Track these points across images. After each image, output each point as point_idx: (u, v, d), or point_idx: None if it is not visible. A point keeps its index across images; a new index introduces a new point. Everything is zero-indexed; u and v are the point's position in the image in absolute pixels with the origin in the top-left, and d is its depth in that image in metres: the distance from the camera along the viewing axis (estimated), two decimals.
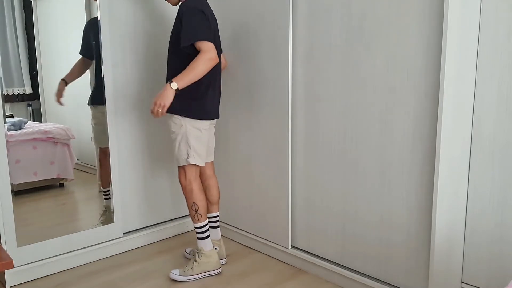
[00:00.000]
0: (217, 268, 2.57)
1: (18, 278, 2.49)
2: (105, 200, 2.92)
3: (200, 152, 2.47)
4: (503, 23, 1.89)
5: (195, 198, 2.49)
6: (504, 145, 1.95)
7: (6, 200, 2.41)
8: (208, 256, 2.53)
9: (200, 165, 2.49)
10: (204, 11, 2.32)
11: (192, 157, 2.43)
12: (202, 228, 2.52)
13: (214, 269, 2.56)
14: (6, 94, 2.66)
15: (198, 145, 2.45)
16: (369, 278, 2.33)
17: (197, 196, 2.49)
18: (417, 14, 2.00)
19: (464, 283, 2.13)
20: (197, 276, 2.52)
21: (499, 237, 2.00)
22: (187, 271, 2.52)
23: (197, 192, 2.50)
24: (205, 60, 2.23)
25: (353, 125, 2.31)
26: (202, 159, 2.49)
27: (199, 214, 2.50)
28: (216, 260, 2.57)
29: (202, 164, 2.50)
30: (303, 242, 2.67)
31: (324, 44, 2.38)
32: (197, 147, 2.44)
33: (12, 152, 2.50)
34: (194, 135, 2.42)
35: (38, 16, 2.70)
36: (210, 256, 2.54)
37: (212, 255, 2.55)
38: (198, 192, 2.50)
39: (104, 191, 2.91)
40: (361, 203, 2.33)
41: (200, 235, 2.53)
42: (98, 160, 2.89)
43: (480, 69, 1.98)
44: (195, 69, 2.22)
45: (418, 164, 2.09)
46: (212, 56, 2.25)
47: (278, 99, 2.61)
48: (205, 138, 2.48)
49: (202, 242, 2.53)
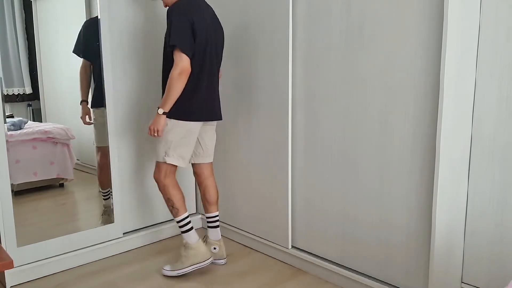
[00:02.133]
0: (207, 259, 2.55)
1: (18, 278, 2.50)
2: (105, 200, 2.92)
3: (183, 154, 2.48)
4: (503, 23, 1.89)
5: (169, 193, 2.52)
6: (504, 145, 1.94)
7: (6, 200, 2.41)
8: (194, 248, 2.53)
9: (179, 166, 2.51)
10: (187, 16, 2.32)
11: (171, 157, 2.46)
12: (182, 221, 2.54)
13: (204, 260, 2.54)
14: (6, 94, 2.66)
15: (181, 146, 2.45)
16: (369, 278, 2.33)
17: (170, 190, 2.52)
18: (417, 14, 2.00)
19: (464, 283, 2.13)
20: (187, 269, 2.53)
21: (499, 237, 2.00)
22: (176, 266, 2.54)
23: (170, 187, 2.52)
24: (176, 76, 2.30)
25: (353, 125, 2.31)
26: (185, 161, 2.50)
27: (176, 209, 2.53)
28: (203, 251, 2.55)
29: (183, 165, 2.51)
30: (303, 242, 2.67)
31: (324, 44, 2.38)
32: (179, 148, 2.45)
33: (12, 152, 2.50)
34: (179, 136, 2.44)
35: (38, 16, 2.70)
36: (197, 248, 2.53)
37: (198, 247, 2.54)
38: (171, 187, 2.52)
39: (103, 192, 2.91)
40: (361, 203, 2.33)
41: (182, 228, 2.54)
42: (100, 162, 2.89)
43: (480, 69, 1.98)
44: (172, 89, 2.32)
45: (418, 164, 2.09)
46: (183, 68, 2.30)
47: (278, 100, 2.61)
48: (191, 139, 2.48)
49: (186, 235, 2.54)
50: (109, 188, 2.87)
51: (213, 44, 2.46)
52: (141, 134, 2.98)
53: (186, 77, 2.32)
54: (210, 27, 2.44)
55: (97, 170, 2.90)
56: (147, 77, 2.94)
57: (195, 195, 3.34)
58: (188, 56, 2.31)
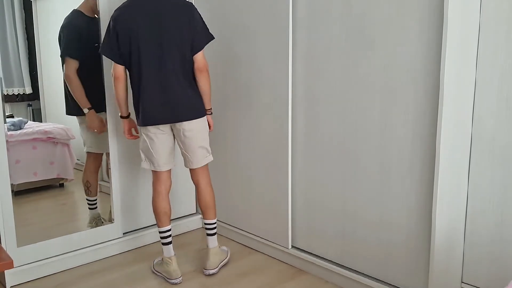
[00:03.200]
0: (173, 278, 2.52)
1: (18, 278, 2.50)
2: (92, 209, 2.87)
3: (150, 158, 2.46)
4: (503, 23, 1.89)
5: (152, 202, 2.54)
6: (504, 145, 1.94)
7: (6, 200, 2.41)
8: (165, 262, 2.55)
9: (155, 170, 2.48)
10: (112, 18, 2.32)
11: (143, 161, 2.49)
12: (160, 234, 2.55)
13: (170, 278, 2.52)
14: (6, 94, 2.66)
15: (145, 150, 2.46)
16: (369, 278, 2.33)
17: (152, 203, 2.54)
18: (417, 14, 2.00)
19: (464, 283, 2.13)
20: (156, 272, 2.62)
21: (499, 237, 2.00)
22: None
23: (152, 199, 2.54)
24: (112, 81, 2.38)
25: (353, 125, 2.31)
26: (154, 165, 2.46)
27: (156, 220, 2.56)
28: (169, 270, 2.52)
29: (153, 169, 2.48)
30: (303, 242, 2.67)
31: (324, 44, 2.38)
32: (145, 152, 2.47)
33: (12, 152, 2.50)
34: (142, 140, 2.45)
35: (38, 16, 2.70)
36: (166, 264, 2.54)
37: (168, 263, 2.53)
38: (153, 200, 2.53)
39: (91, 201, 2.87)
40: (361, 203, 2.33)
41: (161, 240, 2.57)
42: (91, 167, 2.85)
43: (480, 69, 1.98)
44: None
45: (418, 164, 2.09)
46: (112, 72, 2.37)
47: (278, 99, 2.61)
48: (151, 143, 2.41)
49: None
50: (96, 196, 2.84)
51: (153, 42, 2.30)
52: None
53: (115, 81, 2.37)
54: (144, 25, 2.29)
55: (85, 177, 2.83)
56: None
57: (194, 195, 3.34)
58: (114, 61, 2.34)
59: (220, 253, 2.67)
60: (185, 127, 2.39)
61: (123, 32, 2.29)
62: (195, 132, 2.42)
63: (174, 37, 2.31)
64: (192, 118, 2.39)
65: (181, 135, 2.42)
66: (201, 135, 2.45)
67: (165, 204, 2.53)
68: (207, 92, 2.44)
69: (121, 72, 2.35)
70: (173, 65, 2.32)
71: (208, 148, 2.53)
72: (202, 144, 2.48)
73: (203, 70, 2.39)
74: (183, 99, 2.36)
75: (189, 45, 2.34)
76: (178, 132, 2.42)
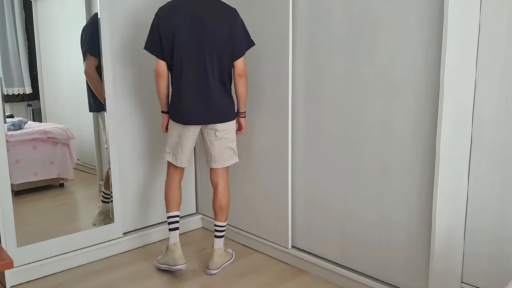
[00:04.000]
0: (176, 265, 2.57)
1: (18, 278, 2.50)
2: (105, 203, 2.90)
3: (175, 153, 2.56)
4: (503, 23, 1.89)
5: (165, 189, 2.66)
6: (504, 145, 1.95)
7: (6, 200, 2.41)
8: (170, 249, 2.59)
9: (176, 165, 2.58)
10: (157, 16, 2.39)
11: (167, 154, 2.59)
12: (168, 219, 2.63)
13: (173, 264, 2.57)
14: (6, 94, 2.66)
15: (172, 145, 2.56)
16: (369, 278, 2.33)
17: (164, 190, 2.67)
18: (417, 14, 2.00)
19: (464, 283, 2.13)
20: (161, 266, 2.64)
21: (499, 237, 2.00)
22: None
23: (166, 186, 2.65)
24: (155, 77, 2.46)
25: (353, 125, 2.31)
26: (177, 161, 2.57)
27: (166, 206, 2.64)
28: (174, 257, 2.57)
29: (174, 163, 2.58)
30: (303, 242, 2.67)
31: (324, 44, 2.38)
32: (171, 147, 2.56)
33: (12, 152, 2.50)
34: (171, 136, 2.56)
35: (38, 16, 2.70)
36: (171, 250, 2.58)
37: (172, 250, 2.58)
38: (166, 187, 2.65)
39: (106, 194, 2.90)
40: (361, 203, 2.33)
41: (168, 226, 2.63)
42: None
43: (480, 69, 1.98)
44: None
45: (418, 164, 2.09)
46: (155, 68, 2.44)
47: (278, 99, 2.61)
48: (180, 141, 2.52)
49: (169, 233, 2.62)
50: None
51: (195, 44, 2.36)
52: (142, 134, 2.98)
53: (157, 77, 2.44)
54: (187, 25, 2.34)
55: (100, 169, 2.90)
56: (147, 78, 2.93)
57: (195, 195, 3.34)
58: (157, 57, 2.41)
59: (224, 255, 2.68)
60: (217, 128, 2.50)
61: (166, 30, 2.36)
62: (226, 133, 2.52)
63: (215, 41, 2.37)
64: (226, 120, 2.50)
65: (212, 135, 2.52)
66: (230, 136, 2.56)
67: (178, 191, 2.65)
68: (244, 96, 2.54)
69: (164, 68, 2.43)
70: (212, 68, 2.40)
71: (235, 149, 2.62)
72: (231, 145, 2.58)
73: (242, 76, 2.49)
74: (219, 102, 2.46)
75: (229, 50, 2.41)
76: (209, 132, 2.52)
